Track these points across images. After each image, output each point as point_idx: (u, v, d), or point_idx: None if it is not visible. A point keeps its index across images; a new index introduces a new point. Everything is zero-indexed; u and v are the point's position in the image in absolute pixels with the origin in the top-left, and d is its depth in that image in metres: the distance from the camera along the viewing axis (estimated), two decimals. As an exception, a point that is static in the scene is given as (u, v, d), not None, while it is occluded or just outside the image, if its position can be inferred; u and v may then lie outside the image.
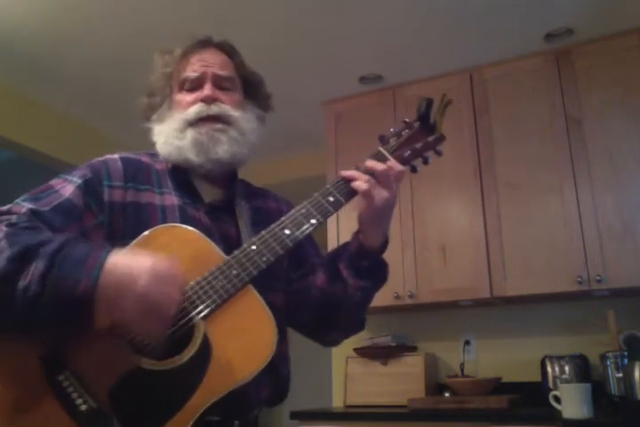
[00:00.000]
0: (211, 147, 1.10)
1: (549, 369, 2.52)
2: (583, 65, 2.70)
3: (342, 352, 2.94)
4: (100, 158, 1.12)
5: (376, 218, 1.07)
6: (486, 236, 2.68)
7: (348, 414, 2.60)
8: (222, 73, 1.15)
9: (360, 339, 2.91)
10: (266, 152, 3.76)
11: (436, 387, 2.79)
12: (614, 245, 2.45)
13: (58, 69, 2.92)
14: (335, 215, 3.43)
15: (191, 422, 0.88)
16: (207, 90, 1.13)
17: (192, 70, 1.15)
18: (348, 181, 1.05)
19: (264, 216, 1.15)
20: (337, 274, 1.11)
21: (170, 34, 2.64)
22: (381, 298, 3.06)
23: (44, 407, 0.87)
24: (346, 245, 1.13)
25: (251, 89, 1.22)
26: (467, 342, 2.88)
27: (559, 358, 2.51)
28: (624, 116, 2.56)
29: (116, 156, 1.13)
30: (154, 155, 1.17)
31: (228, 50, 1.20)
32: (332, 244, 2.90)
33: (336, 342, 1.23)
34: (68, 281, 0.84)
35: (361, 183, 1.03)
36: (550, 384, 2.47)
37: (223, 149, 1.11)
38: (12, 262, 0.85)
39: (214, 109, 1.12)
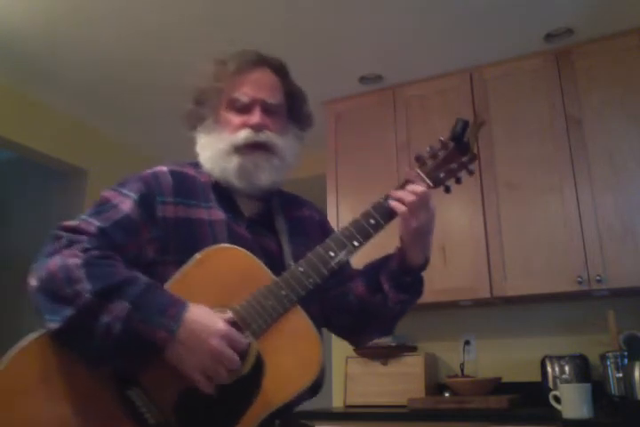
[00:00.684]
0: (253, 173, 1.16)
1: (549, 369, 2.52)
2: (583, 65, 2.70)
3: (342, 352, 2.94)
4: (150, 171, 1.16)
5: (415, 238, 1.13)
6: (486, 236, 2.68)
7: (348, 414, 2.60)
8: (272, 101, 1.20)
9: (360, 339, 2.91)
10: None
11: (435, 387, 2.79)
12: (614, 245, 2.44)
13: (58, 69, 2.92)
14: (336, 211, 3.39)
15: None
16: (256, 117, 1.17)
17: (243, 93, 1.19)
18: (393, 199, 1.11)
19: (300, 226, 1.24)
20: (378, 286, 1.18)
21: (170, 34, 2.66)
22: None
23: (116, 421, 0.94)
24: (387, 258, 1.20)
25: (295, 107, 1.27)
26: (467, 342, 2.88)
27: (559, 358, 2.51)
28: (624, 116, 2.56)
29: (165, 169, 1.17)
30: (197, 165, 1.22)
31: (278, 70, 1.26)
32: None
33: (364, 344, 1.33)
34: (148, 326, 0.92)
35: (399, 205, 1.09)
36: (550, 384, 2.47)
37: (265, 176, 1.17)
38: (96, 297, 0.92)
39: (262, 137, 1.17)
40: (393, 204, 1.09)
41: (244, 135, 1.16)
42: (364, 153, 3.03)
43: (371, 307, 1.19)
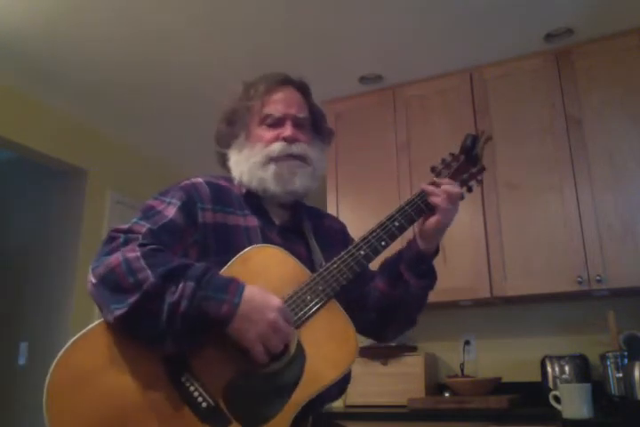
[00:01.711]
0: (289, 179, 1.25)
1: (549, 369, 2.52)
2: (583, 65, 2.70)
3: (342, 352, 2.94)
4: (187, 181, 1.24)
5: (440, 230, 1.25)
6: (486, 236, 2.68)
7: (348, 414, 2.60)
8: (301, 115, 1.30)
9: (360, 339, 2.91)
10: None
11: (436, 387, 2.79)
12: (614, 245, 2.45)
13: (58, 70, 2.92)
14: (336, 211, 3.38)
15: (292, 417, 1.03)
16: (289, 131, 1.27)
17: (275, 109, 1.28)
18: (425, 195, 1.23)
19: (324, 233, 1.34)
20: (399, 276, 1.28)
21: (170, 35, 2.66)
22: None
23: (170, 405, 1.00)
24: (401, 253, 1.31)
25: (318, 125, 1.37)
26: (467, 342, 2.88)
27: (559, 358, 2.51)
28: (624, 116, 2.56)
29: (200, 180, 1.25)
30: (229, 179, 1.30)
31: (303, 90, 1.35)
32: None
33: (391, 338, 1.42)
34: (212, 302, 1.00)
35: (440, 200, 1.21)
36: (550, 384, 2.47)
37: (300, 181, 1.26)
38: (160, 280, 0.99)
39: (295, 149, 1.27)
40: (436, 200, 1.21)
41: (279, 148, 1.25)
42: (364, 153, 3.03)
43: (396, 298, 1.28)
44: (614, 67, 2.63)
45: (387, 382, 2.72)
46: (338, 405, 2.95)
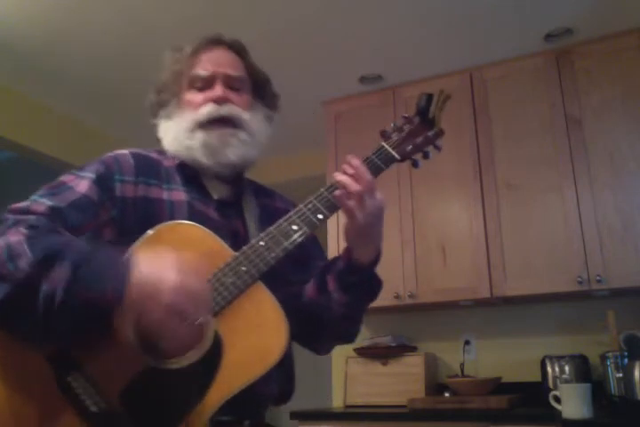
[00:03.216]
0: (221, 150, 1.10)
1: (549, 369, 2.52)
2: (583, 65, 2.70)
3: (342, 352, 2.94)
4: (111, 154, 1.12)
5: (364, 233, 1.03)
6: (486, 236, 2.68)
7: (348, 414, 2.60)
8: (233, 73, 1.15)
9: (360, 339, 2.90)
10: (265, 152, 3.74)
11: (436, 387, 2.78)
12: (614, 245, 2.44)
13: (58, 70, 2.92)
14: (337, 213, 3.37)
15: (207, 421, 0.88)
16: (218, 90, 1.12)
17: (203, 69, 1.14)
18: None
19: (271, 214, 1.13)
20: (324, 286, 1.09)
21: (171, 34, 2.65)
22: (381, 298, 3.04)
23: (55, 410, 0.87)
24: (338, 257, 1.10)
25: (259, 88, 1.22)
26: (467, 342, 2.88)
27: (559, 358, 2.51)
28: (624, 116, 2.56)
29: (126, 151, 1.12)
30: (162, 152, 1.17)
31: (238, 49, 1.20)
32: (332, 242, 2.90)
33: (324, 352, 1.21)
34: (94, 288, 0.84)
35: (341, 197, 1.00)
36: (550, 384, 2.47)
37: (233, 152, 1.11)
38: (33, 267, 0.84)
39: (225, 110, 1.12)
40: (337, 194, 1.01)
41: (206, 110, 1.11)
42: (364, 153, 3.02)
43: (316, 309, 1.10)
44: (614, 67, 2.63)
45: (387, 382, 2.72)
46: (338, 405, 2.95)
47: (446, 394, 2.65)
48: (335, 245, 2.87)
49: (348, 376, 2.85)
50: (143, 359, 0.88)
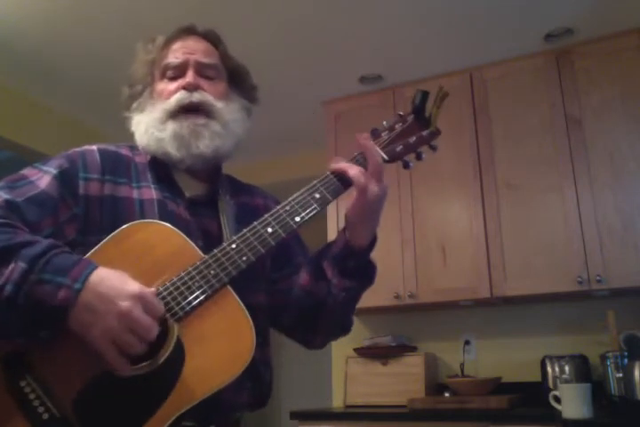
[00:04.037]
0: (192, 141, 1.05)
1: (549, 369, 2.52)
2: (583, 65, 2.70)
3: (342, 352, 2.94)
4: (78, 149, 1.07)
5: (367, 214, 1.01)
6: (486, 236, 2.68)
7: (348, 414, 2.60)
8: (205, 60, 1.11)
9: (360, 339, 2.91)
10: (265, 151, 3.76)
11: (436, 387, 2.79)
12: (614, 245, 2.44)
13: (58, 69, 2.92)
14: (336, 207, 3.37)
15: None
16: (189, 77, 1.08)
17: (174, 57, 1.11)
18: (338, 174, 1.00)
19: (250, 213, 1.10)
20: (321, 273, 1.07)
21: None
22: (381, 298, 3.04)
23: (4, 416, 0.83)
24: (331, 243, 1.08)
25: (236, 79, 1.17)
26: (467, 342, 2.88)
27: (559, 358, 2.51)
28: (624, 116, 2.56)
29: (94, 147, 1.08)
30: (134, 147, 1.13)
31: (212, 38, 1.16)
32: (331, 237, 2.90)
33: (319, 346, 1.17)
34: (46, 287, 0.81)
35: (358, 175, 0.97)
36: (550, 384, 2.47)
37: (205, 143, 1.06)
38: None
39: (197, 97, 1.07)
40: (352, 173, 0.98)
41: (176, 97, 1.07)
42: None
43: (316, 299, 1.07)
44: (614, 67, 2.63)
45: (387, 382, 2.72)
46: (338, 405, 2.95)
47: (446, 394, 2.65)
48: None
49: (348, 376, 2.85)
50: (98, 363, 0.84)
